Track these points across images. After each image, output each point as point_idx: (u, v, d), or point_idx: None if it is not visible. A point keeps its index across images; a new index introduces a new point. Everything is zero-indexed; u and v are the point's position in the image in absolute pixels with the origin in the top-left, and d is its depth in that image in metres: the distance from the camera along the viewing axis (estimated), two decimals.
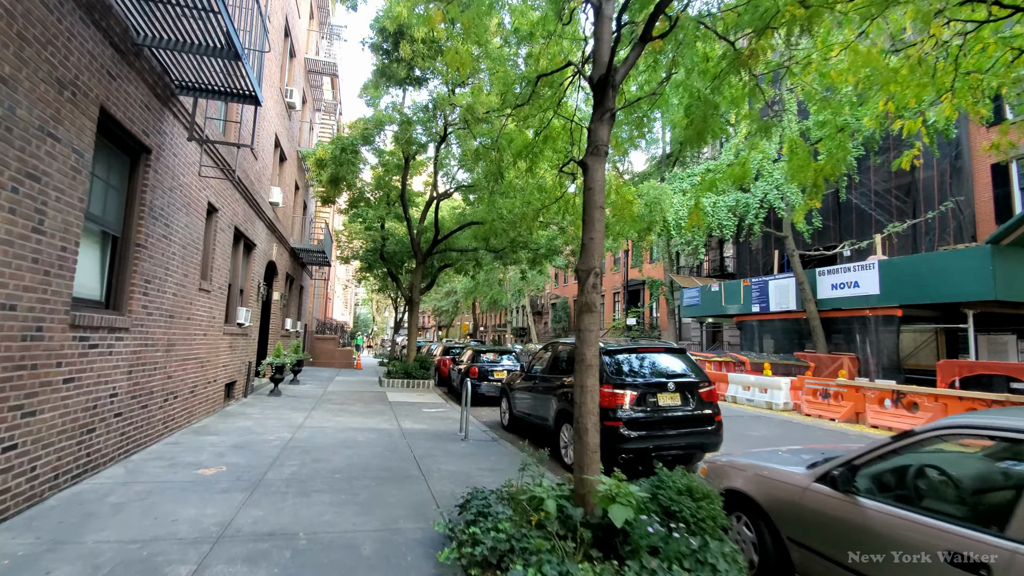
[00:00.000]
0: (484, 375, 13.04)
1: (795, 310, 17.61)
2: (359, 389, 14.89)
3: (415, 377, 15.94)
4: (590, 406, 3.69)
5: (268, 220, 12.79)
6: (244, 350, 11.41)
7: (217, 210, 8.81)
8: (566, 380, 7.28)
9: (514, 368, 13.36)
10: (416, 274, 17.05)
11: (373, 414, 10.44)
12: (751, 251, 24.67)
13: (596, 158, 3.86)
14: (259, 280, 12.47)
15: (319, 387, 14.86)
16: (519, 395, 9.11)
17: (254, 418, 9.20)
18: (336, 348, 24.38)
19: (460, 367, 14.65)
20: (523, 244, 17.95)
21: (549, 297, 54.62)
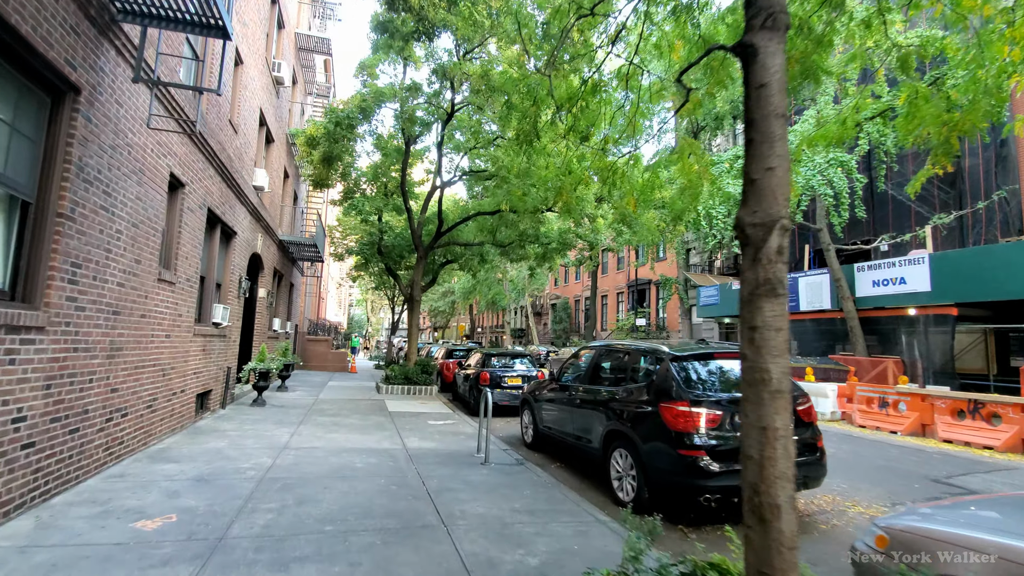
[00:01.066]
0: (496, 382, 11.55)
1: (829, 309, 16.23)
2: (355, 397, 13.35)
3: (416, 383, 14.42)
4: (781, 465, 2.00)
5: (251, 206, 11.26)
6: (222, 354, 9.86)
7: (183, 185, 7.28)
8: (617, 393, 5.80)
9: (529, 373, 11.88)
10: (417, 270, 15.54)
11: (372, 429, 8.93)
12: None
13: (770, 34, 2.26)
14: (241, 274, 10.93)
15: (310, 394, 13.31)
16: (548, 408, 7.62)
17: (229, 436, 7.65)
18: (329, 351, 22.82)
19: (467, 372, 13.15)
20: (533, 237, 16.49)
21: (549, 297, 53.20)
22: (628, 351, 6.08)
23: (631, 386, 5.64)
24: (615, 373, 6.28)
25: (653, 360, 5.50)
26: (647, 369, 5.62)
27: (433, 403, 12.80)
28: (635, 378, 5.75)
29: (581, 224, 11.76)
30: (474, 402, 11.78)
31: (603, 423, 5.90)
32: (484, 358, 12.17)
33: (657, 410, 5.03)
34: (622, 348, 6.31)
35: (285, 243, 15.73)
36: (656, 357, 5.46)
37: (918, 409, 10.40)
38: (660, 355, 5.41)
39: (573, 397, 6.80)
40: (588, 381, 6.67)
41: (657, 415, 5.03)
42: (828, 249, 15.79)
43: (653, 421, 5.08)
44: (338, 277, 42.30)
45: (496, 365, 12.00)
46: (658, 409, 5.02)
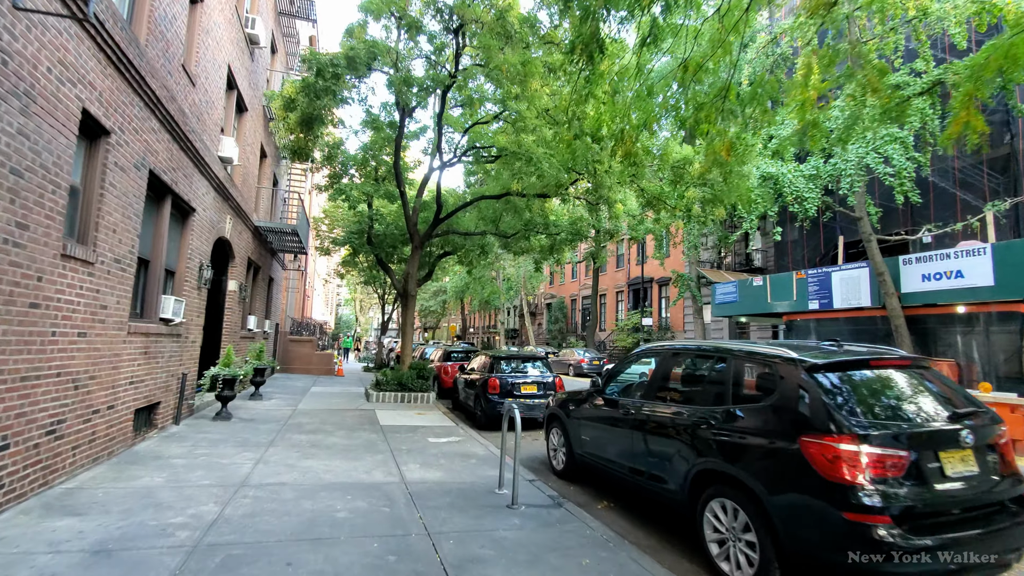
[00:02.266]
0: (507, 390, 9.80)
1: (869, 306, 14.67)
2: (340, 406, 11.52)
3: (411, 389, 12.63)
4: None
5: (217, 181, 9.41)
6: (175, 357, 8.01)
7: (109, 132, 5.46)
8: (713, 416, 4.07)
9: (545, 379, 10.15)
10: (412, 262, 13.75)
11: (360, 451, 7.13)
12: (785, 242, 21.81)
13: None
14: (202, 261, 9.08)
15: (288, 403, 11.46)
16: (590, 429, 5.89)
17: (172, 467, 5.83)
18: (314, 352, 20.90)
19: (470, 377, 11.39)
20: (541, 226, 14.77)
21: (544, 297, 51.53)
22: (724, 356, 4.34)
23: (738, 408, 3.92)
24: (702, 387, 4.56)
25: (774, 370, 3.78)
26: (763, 383, 3.91)
27: (431, 413, 11.02)
28: (740, 395, 4.03)
29: (642, 176, 9.87)
30: (481, 413, 10.03)
31: (688, 458, 4.17)
32: (491, 362, 10.42)
33: (795, 447, 3.33)
34: (713, 352, 4.56)
35: (262, 231, 13.86)
36: (780, 366, 3.74)
37: (1007, 421, 8.80)
38: (787, 363, 3.69)
39: (631, 417, 5.07)
40: (654, 396, 4.94)
41: (794, 455, 3.33)
42: (869, 240, 14.24)
43: (786, 463, 3.37)
44: (325, 274, 40.28)
45: (506, 370, 10.25)
46: (798, 446, 3.31)
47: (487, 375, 10.13)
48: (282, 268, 18.89)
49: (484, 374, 10.38)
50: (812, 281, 16.40)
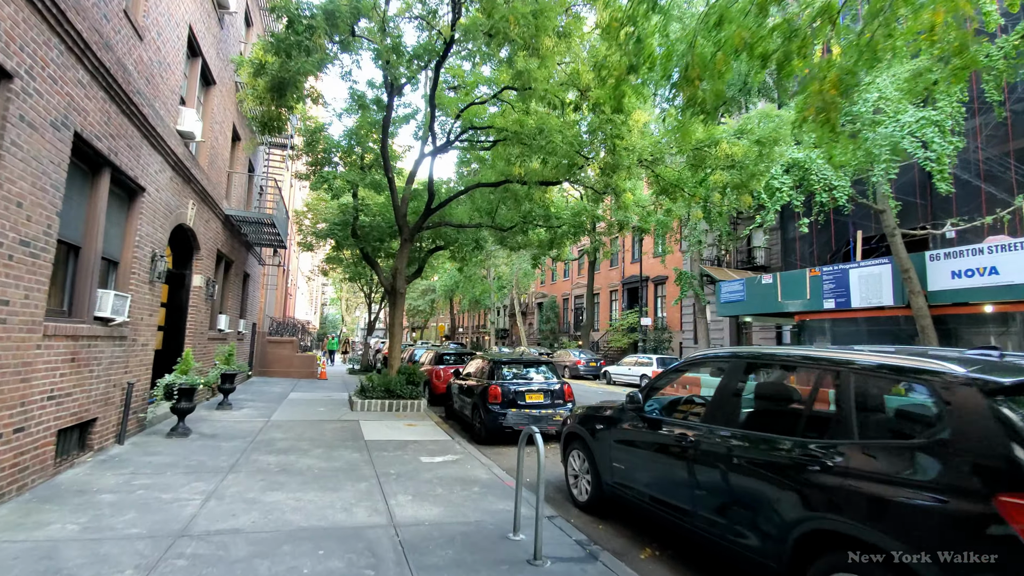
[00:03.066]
0: (511, 399, 8.62)
1: (891, 305, 13.74)
2: (320, 416, 10.26)
3: (400, 396, 11.39)
4: None
5: (175, 158, 8.11)
6: (117, 364, 6.72)
7: (11, 76, 4.19)
8: (829, 455, 2.92)
9: (551, 387, 8.99)
10: (401, 256, 12.51)
11: (341, 477, 5.91)
12: (792, 238, 20.90)
13: None
14: (156, 250, 7.78)
15: (260, 413, 10.17)
16: (627, 454, 4.73)
17: (96, 506, 4.58)
18: (295, 354, 19.54)
19: (466, 383, 10.20)
20: (542, 218, 13.63)
21: (535, 296, 50.42)
22: (837, 368, 3.17)
23: (869, 445, 2.78)
24: (800, 410, 3.42)
25: (934, 391, 2.64)
26: (913, 410, 2.78)
27: (423, 425, 9.81)
28: (869, 425, 2.89)
29: (658, 156, 8.71)
30: (480, 425, 8.84)
31: (788, 511, 3.02)
32: (491, 367, 9.22)
33: (985, 509, 2.20)
34: (817, 362, 3.38)
35: (235, 221, 12.53)
36: (944, 385, 2.60)
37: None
38: (958, 382, 2.55)
39: (688, 445, 3.91)
40: (723, 419, 3.78)
41: (981, 521, 2.20)
42: (893, 235, 13.28)
43: (969, 532, 2.24)
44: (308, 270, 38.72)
45: (508, 377, 9.07)
46: (992, 508, 2.18)
47: (487, 382, 8.93)
48: (260, 263, 17.53)
49: (483, 380, 9.19)
50: (828, 279, 15.45)
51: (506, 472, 6.75)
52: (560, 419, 8.66)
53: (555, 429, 8.67)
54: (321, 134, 14.24)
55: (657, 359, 19.96)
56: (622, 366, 22.34)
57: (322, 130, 14.32)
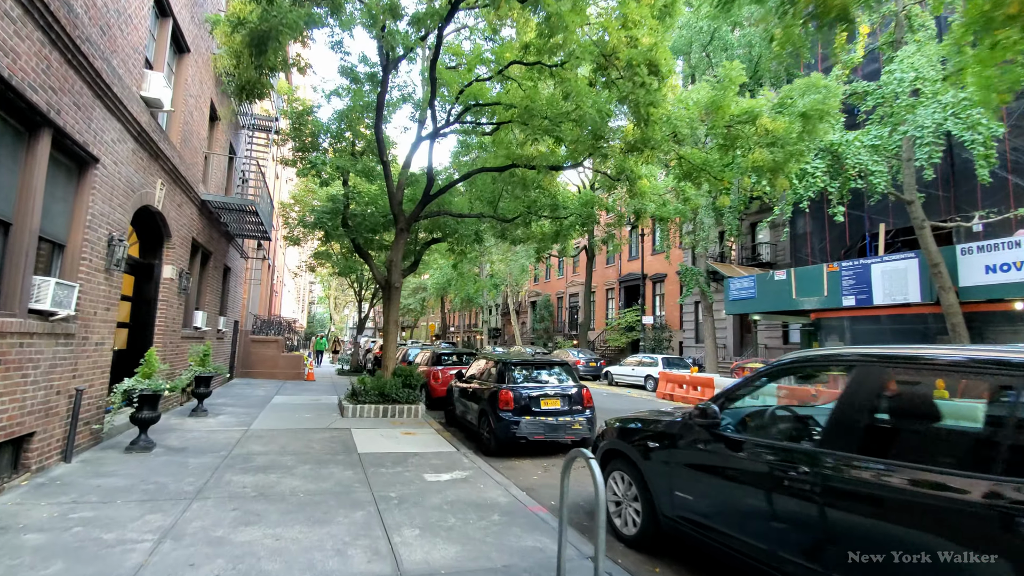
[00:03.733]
0: (525, 406, 7.62)
1: (918, 302, 12.96)
2: (306, 425, 9.19)
3: (395, 400, 10.36)
4: None
5: (138, 127, 7.01)
6: (63, 366, 5.63)
7: None
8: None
9: (568, 391, 7.99)
10: (396, 247, 11.46)
11: (331, 505, 4.88)
12: (802, 233, 20.15)
13: None
14: (113, 233, 6.67)
15: (239, 421, 9.07)
16: (698, 481, 3.75)
17: (13, 554, 3.52)
18: (280, 354, 18.38)
19: (470, 387, 9.19)
20: (548, 207, 12.67)
21: (528, 295, 49.46)
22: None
23: None
24: (988, 436, 2.45)
25: None
26: None
27: (423, 433, 8.78)
28: None
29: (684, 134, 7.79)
30: (489, 435, 7.83)
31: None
32: (500, 369, 8.22)
33: None
34: (1000, 366, 2.42)
35: (213, 207, 11.39)
36: None
37: None
38: None
39: (801, 477, 2.93)
40: (854, 444, 2.80)
41: None
42: (922, 227, 12.49)
43: None
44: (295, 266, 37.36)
45: (519, 380, 8.06)
46: None
47: (497, 386, 7.92)
48: (242, 257, 16.35)
49: (491, 384, 8.18)
50: (847, 274, 14.66)
51: (526, 493, 5.77)
52: (579, 427, 7.70)
53: (573, 439, 7.72)
54: (309, 117, 13.17)
55: (662, 359, 19.07)
56: (624, 366, 21.45)
57: (310, 113, 13.25)
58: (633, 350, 33.08)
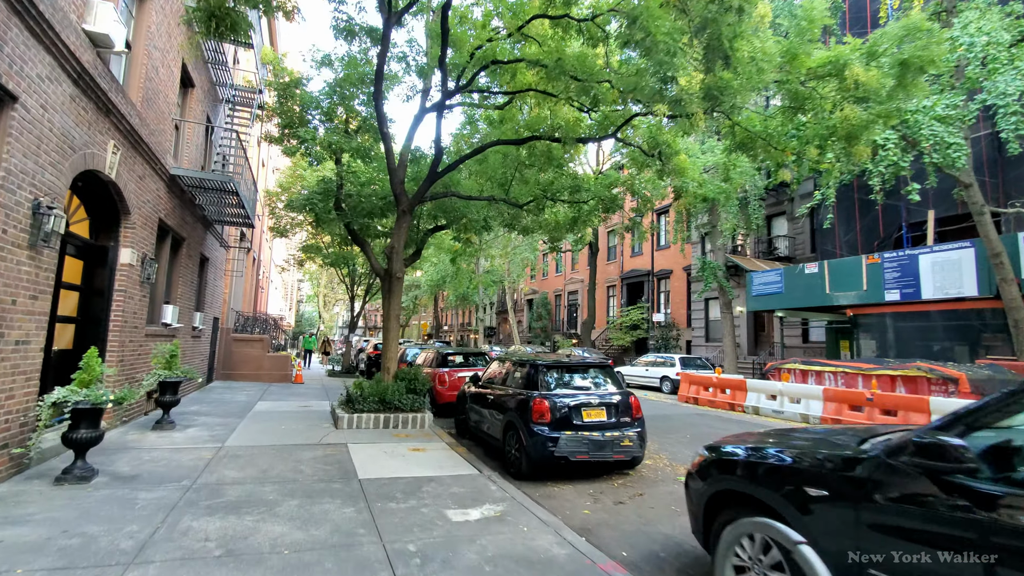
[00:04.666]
0: (563, 418, 6.20)
1: (975, 296, 11.75)
2: (294, 439, 7.70)
3: (399, 408, 8.91)
4: None
5: (78, 67, 5.51)
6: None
7: None
8: None
9: (616, 399, 6.57)
10: (398, 232, 10.00)
11: (327, 565, 3.43)
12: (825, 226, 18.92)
13: None
14: (40, 197, 5.15)
15: (212, 435, 7.56)
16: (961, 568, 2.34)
17: None
18: (265, 354, 16.81)
19: (492, 394, 7.75)
20: (568, 189, 11.28)
21: (524, 292, 48.07)
22: None
23: None
24: None
25: None
26: None
27: (434, 448, 7.34)
28: None
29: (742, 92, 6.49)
30: (519, 454, 6.40)
31: None
32: (530, 372, 6.79)
33: None
34: None
35: (186, 184, 9.86)
36: None
37: None
38: None
39: None
40: None
41: None
42: (982, 213, 11.27)
43: None
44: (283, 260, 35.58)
45: (552, 385, 6.64)
46: None
47: (529, 393, 6.49)
48: (223, 246, 14.76)
49: (520, 391, 6.75)
50: (890, 266, 13.43)
51: (585, 539, 4.37)
52: (630, 444, 6.30)
53: (622, 457, 6.33)
54: (297, 90, 11.66)
55: (680, 359, 17.75)
56: (636, 367, 20.11)
57: (298, 85, 11.73)
58: (637, 349, 31.82)
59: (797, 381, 12.43)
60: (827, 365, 12.08)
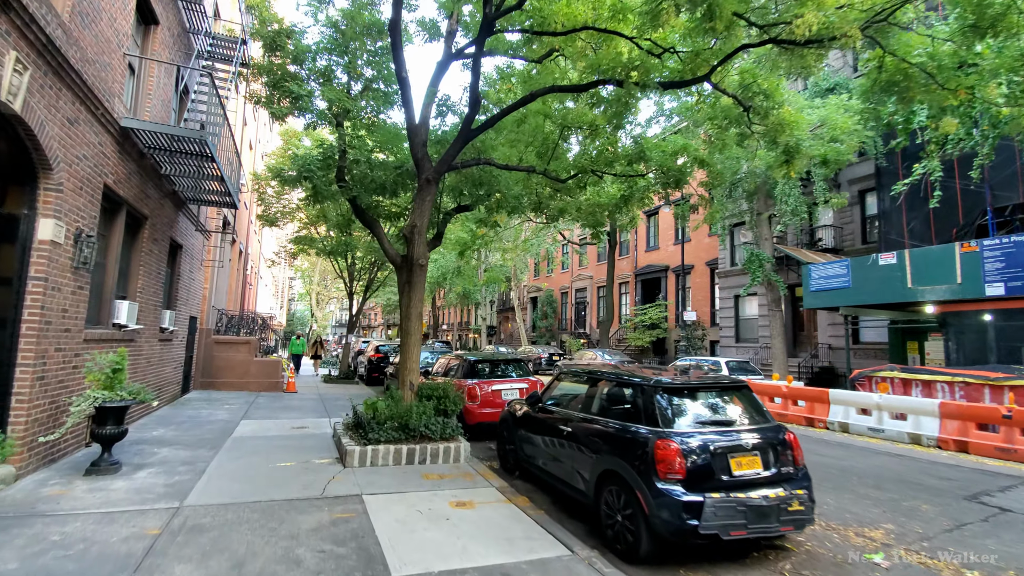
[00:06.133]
0: (703, 470, 4.02)
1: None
2: (285, 492, 5.45)
3: (426, 436, 6.73)
4: None
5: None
6: None
7: None
8: None
9: (770, 437, 4.40)
10: (420, 207, 7.81)
11: None
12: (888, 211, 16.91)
13: None
14: None
15: (167, 487, 5.30)
16: None
17: None
18: (252, 358, 14.51)
19: (560, 420, 5.59)
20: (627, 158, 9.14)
21: (527, 290, 45.90)
22: None
23: None
24: None
25: None
26: None
27: (486, 502, 5.16)
28: None
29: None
30: (631, 525, 4.20)
31: None
32: (642, 396, 4.59)
33: None
34: None
35: (144, 142, 7.59)
36: None
37: None
38: None
39: None
40: None
41: None
42: None
43: None
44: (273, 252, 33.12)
45: (675, 416, 4.43)
46: None
47: (646, 432, 4.30)
48: (199, 230, 12.41)
49: (625, 425, 4.55)
50: (991, 255, 11.37)
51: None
52: (800, 508, 4.14)
53: (792, 529, 4.19)
54: (289, 40, 9.45)
55: (726, 363, 15.65)
56: None
57: (290, 35, 9.51)
58: (655, 350, 29.79)
59: (896, 392, 10.36)
60: (939, 373, 10.02)
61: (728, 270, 24.44)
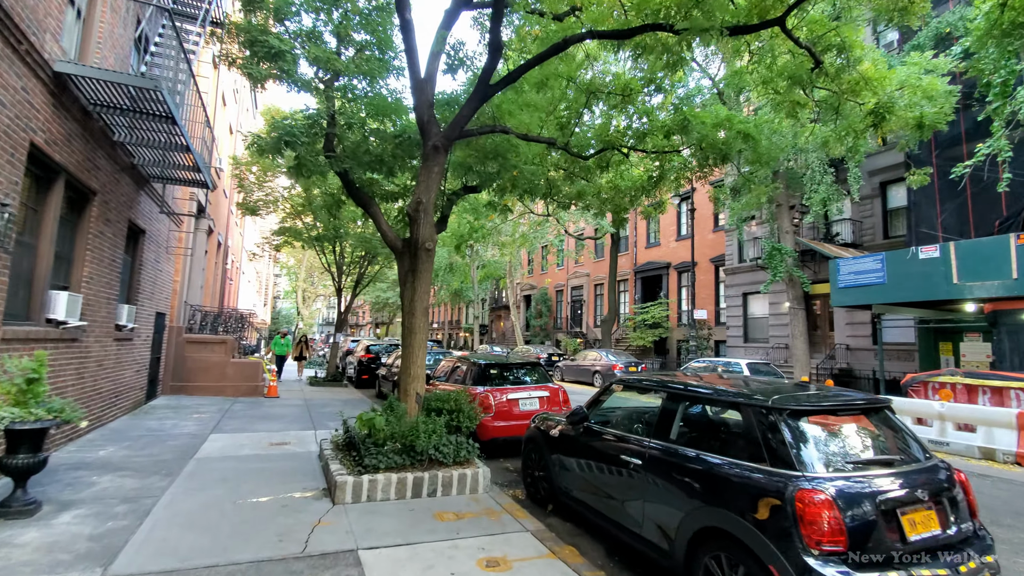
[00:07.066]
0: (865, 532, 2.76)
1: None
2: (253, 546, 4.08)
3: (437, 460, 5.39)
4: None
5: None
6: None
7: None
8: None
9: (938, 479, 3.16)
10: (427, 179, 6.48)
11: None
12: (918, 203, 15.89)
13: None
14: None
15: (95, 538, 3.89)
16: None
17: None
18: (228, 359, 13.03)
19: (625, 451, 4.30)
20: (671, 130, 7.88)
21: (520, 288, 44.58)
22: None
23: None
24: None
25: None
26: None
27: (525, 560, 3.85)
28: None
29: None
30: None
31: None
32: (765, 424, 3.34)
33: None
34: None
35: (87, 97, 6.16)
36: None
37: None
38: None
39: None
40: None
41: None
42: None
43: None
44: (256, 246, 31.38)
45: (830, 457, 3.14)
46: None
47: (780, 479, 3.01)
48: (164, 212, 10.87)
49: (744, 466, 3.26)
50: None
51: None
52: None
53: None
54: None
55: (747, 364, 14.49)
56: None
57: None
58: (657, 351, 28.67)
59: (959, 400, 9.23)
60: (1013, 379, 8.90)
61: (736, 267, 23.36)
